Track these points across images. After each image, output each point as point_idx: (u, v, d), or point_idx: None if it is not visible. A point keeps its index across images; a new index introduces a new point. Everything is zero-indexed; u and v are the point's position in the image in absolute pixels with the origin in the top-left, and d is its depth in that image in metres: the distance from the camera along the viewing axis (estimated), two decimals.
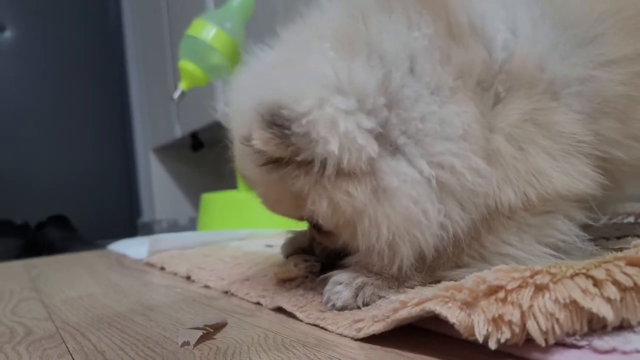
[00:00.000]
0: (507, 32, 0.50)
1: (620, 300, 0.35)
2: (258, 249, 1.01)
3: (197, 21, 1.40)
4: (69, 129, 2.88)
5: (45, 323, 0.64)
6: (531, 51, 0.49)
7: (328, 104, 0.46)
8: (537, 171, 0.48)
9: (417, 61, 0.49)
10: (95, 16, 3.01)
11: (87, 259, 1.33)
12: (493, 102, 0.50)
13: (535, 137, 0.48)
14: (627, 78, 0.49)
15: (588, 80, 0.49)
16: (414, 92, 0.49)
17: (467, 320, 0.36)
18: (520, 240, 0.50)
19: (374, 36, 0.50)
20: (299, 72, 0.50)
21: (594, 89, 0.49)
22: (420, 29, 0.50)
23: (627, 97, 0.49)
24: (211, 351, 0.46)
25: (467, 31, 0.50)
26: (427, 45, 0.49)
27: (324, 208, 0.48)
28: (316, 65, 0.49)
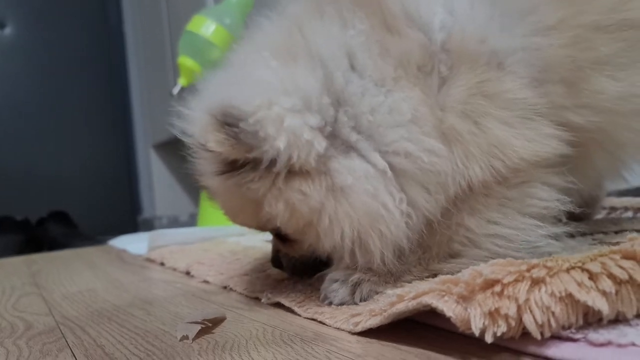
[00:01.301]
0: (445, 14, 0.51)
1: (616, 293, 0.36)
2: (257, 244, 1.01)
3: (196, 17, 1.40)
4: (69, 126, 2.88)
5: (46, 318, 0.64)
6: (469, 26, 0.50)
7: (274, 104, 0.48)
8: (498, 142, 0.48)
9: (356, 57, 0.51)
10: (96, 13, 3.01)
11: (88, 254, 1.34)
12: (438, 84, 0.50)
13: (488, 109, 0.49)
14: (567, 42, 0.50)
15: (530, 47, 0.50)
16: (359, 87, 0.50)
17: (464, 313, 0.36)
18: (504, 216, 0.50)
19: (311, 41, 0.52)
20: (245, 81, 0.52)
21: (537, 55, 0.50)
22: (355, 27, 0.51)
23: (569, 61, 0.50)
24: (210, 345, 0.46)
25: (403, 20, 0.51)
26: (363, 41, 0.51)
27: (281, 210, 0.49)
28: (260, 73, 0.51)
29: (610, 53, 0.50)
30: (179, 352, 0.45)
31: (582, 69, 0.50)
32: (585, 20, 0.50)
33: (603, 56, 0.50)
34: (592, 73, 0.50)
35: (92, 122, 2.96)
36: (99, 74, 3.00)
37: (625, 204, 0.81)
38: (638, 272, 0.36)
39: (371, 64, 0.50)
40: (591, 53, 0.50)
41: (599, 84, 0.50)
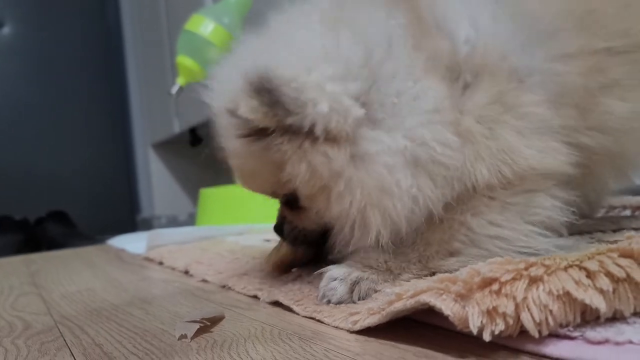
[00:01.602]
0: (469, 28, 0.53)
1: (613, 291, 0.36)
2: (255, 243, 1.01)
3: (194, 16, 1.40)
4: (68, 125, 2.88)
5: (44, 317, 0.64)
6: (491, 43, 0.52)
7: (315, 70, 0.49)
8: (509, 148, 0.50)
9: (393, 44, 0.52)
10: (94, 12, 3.01)
11: (86, 254, 1.34)
12: (462, 87, 0.52)
13: (504, 117, 0.50)
14: (583, 70, 0.51)
15: (548, 72, 0.52)
16: (392, 69, 0.51)
17: (462, 312, 0.36)
18: (507, 220, 0.51)
19: (357, 19, 0.53)
20: (287, 44, 0.53)
21: (554, 80, 0.52)
22: (396, 18, 0.53)
23: (584, 87, 0.52)
24: (208, 344, 0.46)
25: (433, 27, 0.53)
26: (402, 33, 0.52)
27: (302, 172, 0.50)
28: (304, 37, 0.52)
29: (620, 76, 0.52)
30: (177, 351, 0.45)
31: (593, 94, 0.52)
32: (600, 46, 0.52)
33: (613, 79, 0.52)
34: (602, 96, 0.52)
35: (90, 122, 2.95)
36: (98, 73, 3.00)
37: (624, 203, 0.81)
38: (636, 270, 0.36)
39: (405, 53, 0.52)
40: (602, 77, 0.52)
41: (608, 106, 0.52)
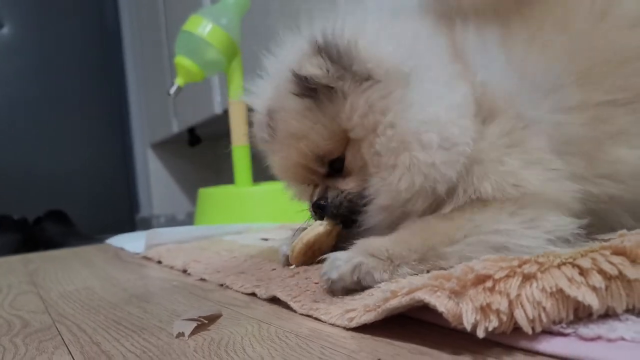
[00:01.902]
0: (484, 74, 0.57)
1: (606, 288, 0.36)
2: (253, 242, 1.01)
3: (193, 17, 1.41)
4: (66, 125, 2.88)
5: (42, 316, 0.64)
6: (500, 91, 0.57)
7: (374, 34, 0.60)
8: (513, 173, 0.54)
9: (434, 49, 0.60)
10: (93, 12, 3.01)
11: (85, 253, 1.34)
12: (482, 119, 0.57)
13: (511, 150, 0.55)
14: (587, 121, 0.55)
15: (552, 122, 0.55)
16: (434, 53, 0.60)
17: (456, 309, 0.36)
18: (512, 222, 0.54)
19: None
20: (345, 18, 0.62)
21: (557, 129, 0.55)
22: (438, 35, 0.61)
23: (589, 136, 0.55)
24: (205, 342, 0.46)
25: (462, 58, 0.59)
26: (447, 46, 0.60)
27: (360, 106, 0.58)
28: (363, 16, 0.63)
29: (626, 125, 0.55)
30: (174, 349, 0.45)
31: (599, 142, 0.55)
32: (602, 98, 0.54)
33: (618, 128, 0.55)
34: (609, 145, 0.55)
35: (89, 122, 2.96)
36: (97, 73, 3.00)
37: None
38: (628, 267, 0.37)
39: (446, 62, 0.59)
40: (608, 127, 0.55)
41: (617, 154, 0.55)
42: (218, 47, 1.39)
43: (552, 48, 0.56)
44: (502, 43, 0.58)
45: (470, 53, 0.59)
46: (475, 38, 0.59)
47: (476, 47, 0.59)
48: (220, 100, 2.03)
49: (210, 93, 2.06)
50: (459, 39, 0.60)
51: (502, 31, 0.58)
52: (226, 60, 1.43)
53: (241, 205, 1.44)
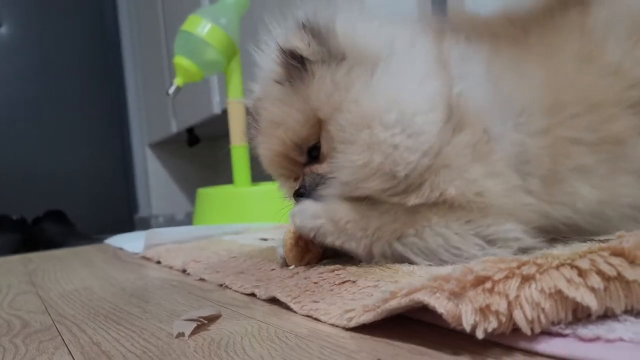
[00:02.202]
0: (462, 84, 0.59)
1: (604, 289, 0.36)
2: (253, 242, 1.01)
3: (192, 17, 1.41)
4: (65, 125, 2.88)
5: (42, 316, 0.64)
6: (472, 103, 0.58)
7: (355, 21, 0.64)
8: (476, 181, 0.57)
9: (417, 42, 0.63)
10: (91, 12, 3.00)
11: (84, 253, 1.34)
12: (453, 126, 0.58)
13: (477, 160, 0.57)
14: (549, 150, 0.57)
15: (516, 142, 0.57)
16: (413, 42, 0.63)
17: (455, 310, 0.36)
18: (461, 229, 0.57)
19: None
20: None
21: (521, 150, 0.57)
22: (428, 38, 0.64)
23: (550, 163, 0.57)
24: (205, 342, 0.46)
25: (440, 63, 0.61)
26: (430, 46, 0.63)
27: (327, 86, 0.60)
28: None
29: (590, 163, 0.56)
30: (174, 349, 0.45)
31: (559, 172, 0.57)
32: (566, 134, 0.56)
33: (582, 165, 0.56)
34: (571, 177, 0.57)
35: (88, 122, 2.95)
36: (96, 73, 3.00)
37: None
38: (626, 268, 0.37)
39: (424, 60, 0.61)
40: (571, 161, 0.57)
41: (576, 188, 0.57)
42: (217, 47, 1.39)
43: (532, 76, 0.59)
44: (487, 59, 0.60)
45: (453, 63, 0.61)
46: (462, 50, 0.61)
47: (460, 58, 0.61)
48: (219, 100, 2.04)
49: (209, 93, 2.06)
50: (445, 48, 0.62)
51: (491, 49, 0.61)
52: (225, 60, 1.43)
53: (240, 205, 1.44)
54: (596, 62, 0.58)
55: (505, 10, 0.66)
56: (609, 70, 0.57)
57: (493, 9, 0.68)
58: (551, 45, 0.60)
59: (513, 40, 0.61)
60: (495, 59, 0.60)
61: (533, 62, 0.59)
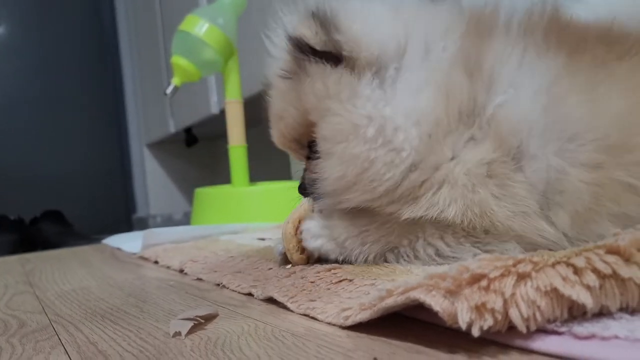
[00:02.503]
0: (506, 97, 0.54)
1: (600, 287, 0.36)
2: (250, 242, 1.01)
3: (189, 17, 1.41)
4: (63, 125, 2.87)
5: (39, 316, 0.64)
6: (514, 118, 0.53)
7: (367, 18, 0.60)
8: (481, 203, 0.54)
9: (431, 47, 0.58)
10: (89, 12, 3.00)
11: (82, 253, 1.34)
12: (469, 137, 0.55)
13: (487, 180, 0.53)
14: (592, 187, 0.51)
15: (555, 169, 0.52)
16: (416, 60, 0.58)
17: (451, 308, 0.36)
18: (458, 242, 0.57)
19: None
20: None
21: (557, 177, 0.52)
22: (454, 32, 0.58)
23: (586, 203, 0.51)
24: (202, 341, 0.46)
25: (477, 70, 0.56)
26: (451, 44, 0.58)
27: (317, 88, 0.58)
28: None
29: (634, 214, 0.51)
30: (171, 348, 0.45)
31: (599, 214, 0.52)
32: (624, 179, 0.51)
33: (626, 214, 0.51)
34: (607, 221, 0.52)
35: (86, 122, 2.95)
36: (93, 73, 2.99)
37: None
38: (621, 266, 0.37)
39: (451, 52, 0.57)
40: (616, 208, 0.51)
41: (608, 232, 0.51)
42: (215, 47, 1.39)
43: (608, 106, 0.52)
44: (557, 73, 0.53)
45: (503, 69, 0.55)
46: (524, 56, 0.55)
47: (518, 65, 0.55)
48: (217, 100, 2.04)
49: (207, 93, 2.06)
50: (491, 54, 0.56)
51: (568, 64, 0.54)
52: (223, 60, 1.43)
53: (238, 205, 1.44)
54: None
55: (610, 22, 0.57)
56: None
57: (599, 15, 0.59)
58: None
59: (600, 61, 0.54)
60: (567, 75, 0.53)
61: (615, 93, 0.52)
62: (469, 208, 0.54)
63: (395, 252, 0.60)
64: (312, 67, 0.59)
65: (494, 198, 0.53)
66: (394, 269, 0.57)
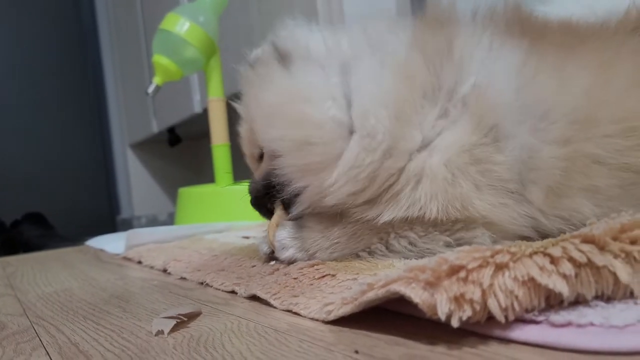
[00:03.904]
0: (481, 77, 0.56)
1: (576, 276, 0.37)
2: (234, 240, 1.01)
3: (170, 15, 1.40)
4: (44, 127, 2.84)
5: (20, 318, 0.64)
6: (492, 97, 0.55)
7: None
8: (462, 197, 0.54)
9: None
10: (69, 12, 2.97)
11: (64, 255, 1.32)
12: (438, 115, 0.57)
13: (469, 168, 0.54)
14: (563, 162, 0.53)
15: (528, 147, 0.54)
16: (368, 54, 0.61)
17: (430, 299, 0.37)
18: (425, 230, 0.58)
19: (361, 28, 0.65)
20: None
21: (532, 156, 0.54)
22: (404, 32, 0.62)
23: (557, 178, 0.54)
24: (185, 339, 0.46)
25: (446, 53, 0.58)
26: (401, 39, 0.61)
27: (253, 83, 0.66)
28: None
29: (604, 186, 0.53)
30: (153, 347, 0.45)
31: (570, 188, 0.54)
32: (591, 151, 0.53)
33: (595, 186, 0.54)
34: (578, 195, 0.54)
35: (67, 123, 2.92)
36: (74, 73, 2.96)
37: None
38: (596, 255, 0.38)
39: (385, 57, 0.60)
40: (586, 180, 0.54)
41: (580, 206, 0.54)
42: (196, 46, 1.38)
43: (574, 84, 0.55)
44: (524, 57, 0.56)
45: (474, 53, 0.57)
46: (490, 43, 0.58)
47: (487, 50, 0.57)
48: (199, 99, 2.03)
49: (190, 92, 2.05)
50: (460, 40, 0.59)
51: (532, 48, 0.57)
52: (205, 58, 1.42)
53: (222, 204, 1.43)
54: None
55: (569, 18, 0.62)
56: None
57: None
58: (606, 60, 0.56)
59: (564, 46, 0.57)
60: (534, 57, 0.56)
61: (580, 70, 0.55)
62: (449, 203, 0.55)
63: (368, 250, 0.61)
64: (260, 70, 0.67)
65: (475, 189, 0.54)
66: (376, 264, 0.58)
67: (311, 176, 0.60)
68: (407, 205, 0.56)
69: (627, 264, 0.37)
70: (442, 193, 0.55)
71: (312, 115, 0.58)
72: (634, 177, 0.54)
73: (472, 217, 0.55)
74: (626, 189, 0.54)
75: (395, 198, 0.57)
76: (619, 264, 0.37)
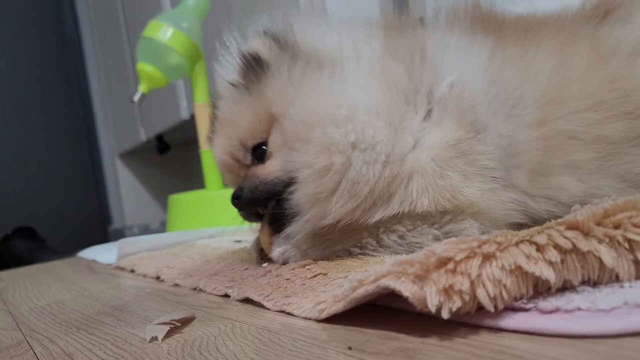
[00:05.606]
0: (457, 76, 0.59)
1: (562, 262, 0.38)
2: (226, 245, 1.01)
3: (152, 22, 1.39)
4: (30, 140, 2.82)
5: (13, 332, 0.63)
6: (468, 93, 0.58)
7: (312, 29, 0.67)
8: (451, 188, 0.57)
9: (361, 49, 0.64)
10: (52, 22, 2.95)
11: (56, 267, 1.31)
12: (422, 118, 0.59)
13: (456, 161, 0.57)
14: (540, 143, 0.56)
15: (506, 134, 0.57)
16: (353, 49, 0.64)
17: (420, 292, 0.37)
18: (413, 224, 0.59)
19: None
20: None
21: (511, 142, 0.57)
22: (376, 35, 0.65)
23: (541, 156, 0.56)
24: (179, 344, 0.46)
25: (419, 56, 0.61)
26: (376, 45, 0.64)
27: (283, 80, 0.63)
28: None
29: (582, 160, 0.56)
30: (148, 353, 0.45)
31: (552, 166, 0.56)
32: (565, 127, 0.56)
33: (575, 160, 0.56)
34: (561, 172, 0.56)
35: (54, 134, 2.90)
36: (59, 85, 2.94)
37: None
38: (581, 240, 0.38)
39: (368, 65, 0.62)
40: (565, 156, 0.56)
41: (565, 183, 0.56)
42: (180, 52, 1.38)
43: (538, 68, 0.58)
44: (490, 51, 0.59)
45: (445, 55, 0.60)
46: (460, 42, 0.61)
47: (455, 50, 0.60)
48: (186, 105, 2.02)
49: (176, 99, 2.04)
50: (430, 43, 0.62)
51: (497, 41, 0.60)
52: (189, 64, 1.42)
53: (212, 209, 1.43)
54: (602, 68, 0.57)
55: (526, 13, 0.67)
56: (611, 78, 0.57)
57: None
58: (563, 42, 0.59)
59: (524, 34, 0.60)
60: (499, 51, 0.59)
61: (542, 55, 0.58)
62: (440, 195, 0.57)
63: (359, 245, 0.62)
64: (274, 67, 0.64)
65: (464, 179, 0.56)
66: (368, 260, 0.58)
67: (317, 206, 0.60)
68: (399, 202, 0.58)
69: (612, 248, 0.38)
70: (432, 186, 0.57)
71: (338, 141, 0.58)
72: (608, 148, 0.56)
73: (462, 206, 0.57)
74: (604, 161, 0.56)
75: (388, 200, 0.58)
76: (603, 249, 0.38)
